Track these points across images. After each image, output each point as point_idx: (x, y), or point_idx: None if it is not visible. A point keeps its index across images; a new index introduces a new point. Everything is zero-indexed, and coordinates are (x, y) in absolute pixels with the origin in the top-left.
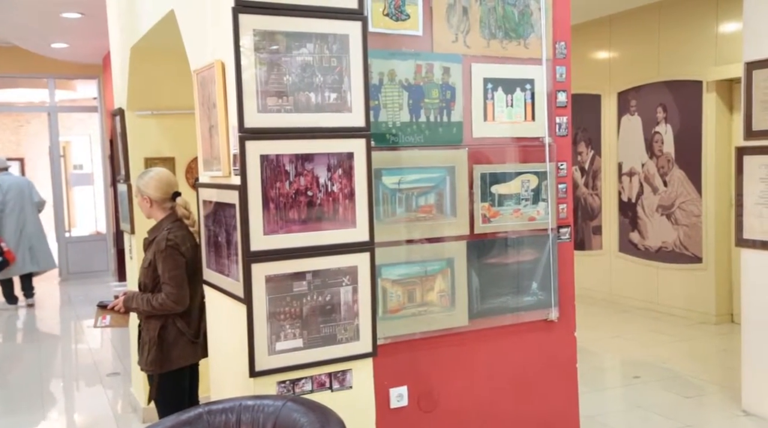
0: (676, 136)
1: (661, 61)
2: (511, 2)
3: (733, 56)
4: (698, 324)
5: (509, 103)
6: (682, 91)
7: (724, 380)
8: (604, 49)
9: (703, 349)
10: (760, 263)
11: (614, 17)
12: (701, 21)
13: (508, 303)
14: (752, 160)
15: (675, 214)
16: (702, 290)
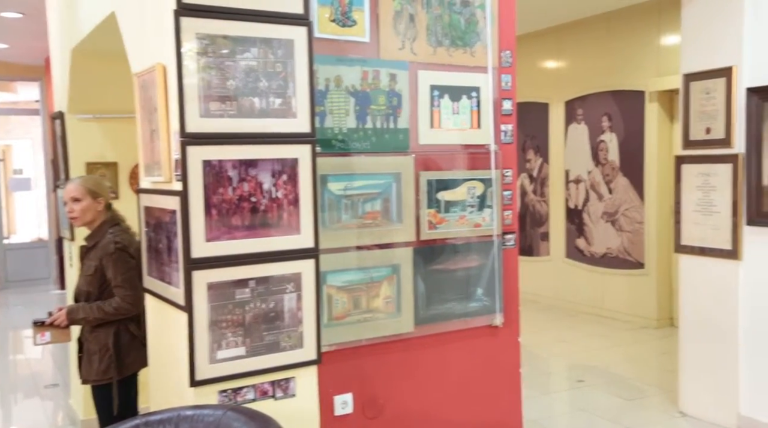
0: (621, 145)
1: (606, 71)
2: (458, 11)
3: (674, 68)
4: (640, 329)
5: (455, 110)
6: (626, 100)
7: (663, 382)
8: (552, 59)
9: (644, 353)
10: (697, 268)
11: (562, 28)
12: (644, 33)
13: (453, 309)
14: (690, 168)
15: (619, 220)
16: (644, 295)
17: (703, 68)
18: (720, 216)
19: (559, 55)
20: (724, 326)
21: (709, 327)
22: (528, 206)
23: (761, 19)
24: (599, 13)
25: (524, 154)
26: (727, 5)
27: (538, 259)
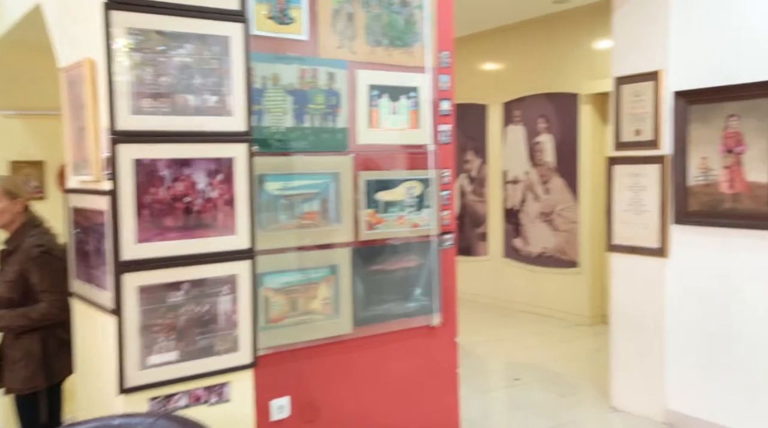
0: (557, 146)
1: (542, 74)
2: (397, 10)
3: (606, 71)
4: (575, 326)
5: (394, 110)
6: (561, 102)
7: (596, 378)
8: (490, 61)
9: (578, 350)
10: (627, 267)
11: (499, 31)
12: (577, 37)
13: (392, 309)
14: (621, 169)
15: (555, 220)
16: (578, 293)
17: (633, 72)
18: (649, 215)
19: (497, 57)
20: (652, 322)
21: (639, 323)
22: (467, 206)
23: (687, 26)
24: (535, 17)
25: (463, 155)
26: (655, 12)
27: (476, 259)
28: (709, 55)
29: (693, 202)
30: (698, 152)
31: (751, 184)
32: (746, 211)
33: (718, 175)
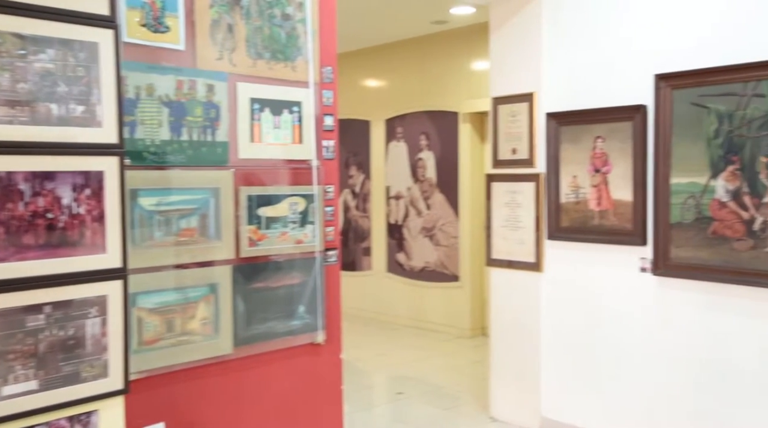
0: (438, 162)
1: (423, 92)
2: (278, 24)
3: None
4: (456, 339)
5: (277, 124)
6: (441, 120)
7: (476, 390)
8: (373, 78)
9: (459, 362)
10: (505, 281)
11: (382, 48)
12: (457, 58)
13: (275, 328)
14: (498, 186)
15: (436, 235)
16: (459, 306)
17: (509, 93)
18: (525, 231)
19: (380, 74)
20: (528, 334)
21: (516, 335)
22: (351, 222)
23: (557, 52)
24: (415, 37)
25: (347, 170)
26: (528, 38)
27: (360, 274)
28: (578, 79)
29: (565, 219)
30: (569, 171)
31: (616, 201)
32: (611, 227)
33: (587, 193)
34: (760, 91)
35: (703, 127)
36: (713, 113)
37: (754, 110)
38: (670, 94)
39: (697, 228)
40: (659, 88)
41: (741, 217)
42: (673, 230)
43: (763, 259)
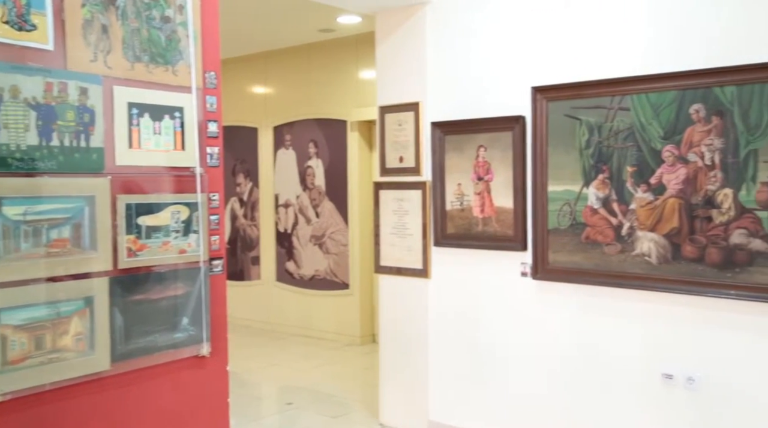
0: (327, 170)
1: (312, 99)
2: (157, 26)
3: (372, 100)
4: (346, 346)
5: (157, 130)
6: (330, 128)
7: (366, 397)
8: (261, 84)
9: (349, 370)
10: (394, 288)
11: (269, 54)
12: (345, 66)
13: (156, 341)
14: (386, 194)
15: (326, 243)
16: (349, 314)
17: (395, 102)
18: (413, 238)
19: (267, 80)
20: (417, 339)
21: (405, 341)
22: (239, 230)
23: (440, 62)
24: (304, 44)
25: (234, 178)
26: (413, 47)
27: (249, 284)
28: (461, 90)
29: (450, 225)
30: (454, 179)
31: (498, 208)
32: (494, 233)
33: (471, 201)
34: (625, 104)
35: (576, 137)
36: (584, 124)
37: (619, 122)
38: (546, 105)
39: (572, 234)
40: (536, 100)
41: (610, 223)
42: (551, 236)
43: (629, 262)
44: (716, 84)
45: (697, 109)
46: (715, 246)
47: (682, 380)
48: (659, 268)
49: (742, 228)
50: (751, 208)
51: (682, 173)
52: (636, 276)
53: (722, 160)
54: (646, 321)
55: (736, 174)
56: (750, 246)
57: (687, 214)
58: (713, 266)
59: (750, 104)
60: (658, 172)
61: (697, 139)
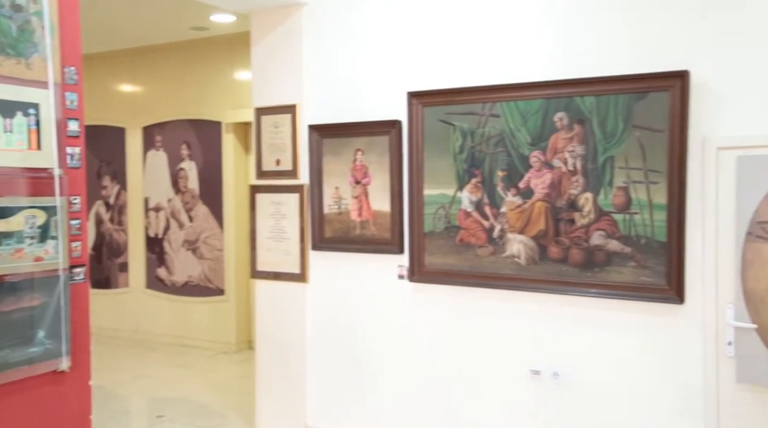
0: (200, 173)
1: (184, 99)
2: (7, 14)
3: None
4: (221, 354)
5: (8, 127)
6: (204, 130)
7: (242, 405)
8: (128, 83)
9: (225, 378)
10: (271, 293)
11: (137, 51)
12: (219, 66)
13: (8, 357)
14: (263, 197)
15: (200, 248)
16: (225, 321)
17: (272, 104)
18: (290, 242)
19: (136, 78)
20: (295, 345)
21: (283, 347)
22: (104, 236)
23: (317, 65)
24: (176, 41)
25: (99, 181)
26: (289, 49)
27: (117, 292)
28: (338, 93)
29: (328, 229)
30: (332, 182)
31: (375, 212)
32: (372, 236)
33: (349, 204)
34: (495, 111)
35: (450, 142)
36: (458, 130)
37: (491, 128)
38: (421, 110)
39: (446, 237)
40: (412, 105)
41: (483, 226)
42: (427, 239)
43: (501, 263)
44: (577, 94)
45: (560, 117)
46: (578, 247)
47: (549, 375)
48: (528, 269)
49: (600, 230)
50: (608, 210)
51: (548, 178)
52: (507, 276)
53: (583, 166)
54: (516, 319)
55: (595, 179)
56: (608, 247)
57: (552, 216)
58: (576, 266)
59: (607, 114)
60: (526, 177)
61: (561, 145)
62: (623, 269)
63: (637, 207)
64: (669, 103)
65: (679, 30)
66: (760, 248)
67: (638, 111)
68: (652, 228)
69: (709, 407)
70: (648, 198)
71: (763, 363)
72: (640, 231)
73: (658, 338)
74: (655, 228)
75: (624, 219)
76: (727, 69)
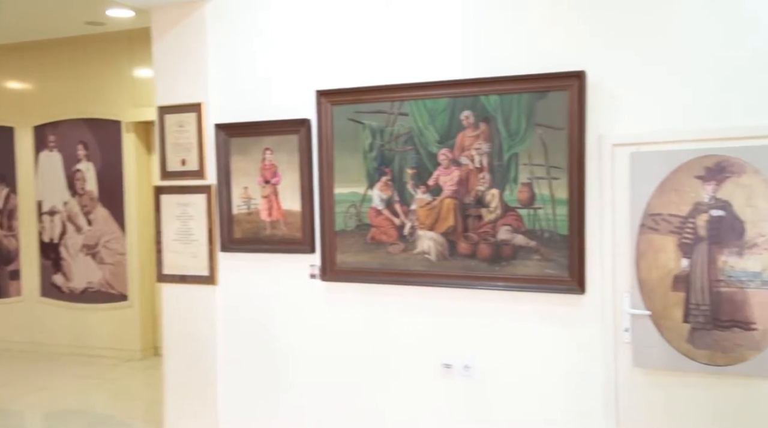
0: (99, 174)
1: (80, 98)
2: None
3: (150, 99)
4: (126, 362)
5: None
6: (102, 129)
7: (150, 414)
8: (16, 79)
9: (131, 387)
10: (178, 297)
11: (28, 46)
12: (117, 63)
13: None
14: (168, 198)
15: (100, 253)
16: (129, 327)
17: (176, 102)
18: (198, 244)
19: (26, 75)
20: (204, 349)
21: (192, 352)
22: None
23: (223, 63)
24: (69, 36)
25: None
26: (193, 46)
27: (7, 301)
28: (246, 92)
29: (237, 230)
30: (240, 182)
31: (286, 211)
32: (283, 236)
33: (259, 204)
34: (404, 110)
35: (360, 140)
36: (367, 128)
37: (399, 127)
38: (330, 109)
39: (358, 235)
40: (320, 104)
41: (394, 223)
42: (338, 237)
43: (412, 260)
44: (482, 93)
45: (467, 115)
46: (485, 242)
47: (460, 368)
48: (438, 265)
49: (507, 225)
50: (514, 206)
51: (456, 175)
52: (418, 273)
53: (489, 163)
54: (428, 315)
55: (501, 175)
56: (514, 241)
57: (461, 213)
58: (484, 260)
59: (510, 112)
60: (435, 174)
61: (468, 143)
62: (528, 262)
63: (541, 202)
64: (568, 102)
65: (576, 32)
66: (651, 239)
67: (540, 109)
68: (555, 223)
69: (609, 391)
70: (550, 193)
71: (656, 348)
72: (544, 226)
73: (562, 327)
74: (558, 222)
75: (529, 214)
76: (621, 69)
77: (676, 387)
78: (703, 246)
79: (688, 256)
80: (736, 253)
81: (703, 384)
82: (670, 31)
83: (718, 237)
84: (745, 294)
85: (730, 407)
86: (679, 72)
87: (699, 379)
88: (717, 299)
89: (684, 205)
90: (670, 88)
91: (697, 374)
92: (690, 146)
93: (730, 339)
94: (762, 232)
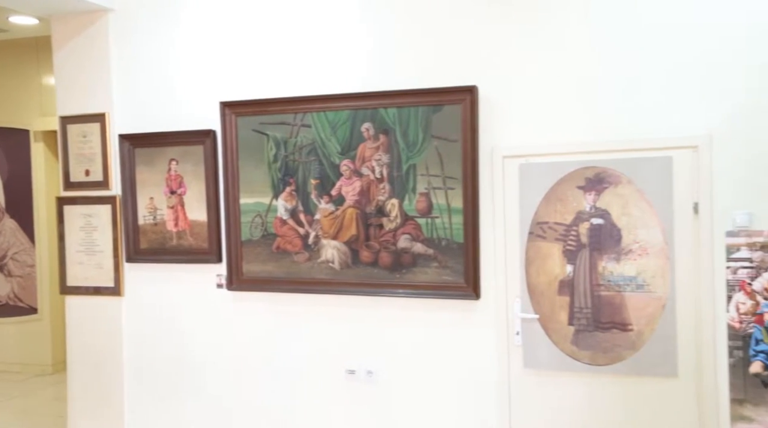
0: (6, 185)
1: None
2: None
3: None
4: (35, 378)
5: None
6: (10, 138)
7: None
8: None
9: (37, 402)
10: (84, 308)
11: None
12: (25, 70)
13: None
14: (72, 209)
15: (8, 265)
16: (39, 341)
17: (79, 112)
18: (103, 255)
19: None
20: (111, 362)
21: (98, 365)
22: None
23: (127, 74)
24: None
25: None
26: (95, 56)
27: None
28: (151, 102)
29: (143, 241)
30: (146, 193)
31: (192, 222)
32: (189, 246)
33: (165, 215)
34: (307, 121)
35: (265, 151)
36: (272, 139)
37: (303, 138)
38: (235, 120)
39: (264, 244)
40: (225, 115)
41: (298, 233)
42: (244, 247)
43: (317, 269)
44: (381, 106)
45: (367, 127)
46: (386, 251)
47: (363, 374)
48: (342, 273)
49: (406, 234)
50: (413, 215)
51: (358, 185)
52: (322, 281)
53: (389, 174)
54: (332, 322)
55: (400, 186)
56: (413, 250)
57: (363, 222)
58: (385, 268)
59: (408, 124)
60: (337, 185)
61: (369, 154)
62: (427, 270)
63: (438, 211)
64: (461, 116)
65: (468, 48)
66: (539, 246)
67: (436, 122)
68: (451, 231)
69: (502, 392)
70: (447, 202)
71: (544, 349)
72: (441, 234)
73: (458, 332)
74: (454, 230)
75: (427, 223)
76: (509, 85)
77: (563, 387)
78: (585, 252)
79: (572, 262)
80: (614, 259)
81: (586, 383)
82: (554, 50)
83: (598, 244)
84: (623, 298)
85: (610, 404)
86: (560, 88)
87: (583, 379)
88: (598, 302)
89: (568, 213)
90: (553, 104)
91: (580, 374)
92: (572, 158)
93: (610, 339)
94: (636, 239)
